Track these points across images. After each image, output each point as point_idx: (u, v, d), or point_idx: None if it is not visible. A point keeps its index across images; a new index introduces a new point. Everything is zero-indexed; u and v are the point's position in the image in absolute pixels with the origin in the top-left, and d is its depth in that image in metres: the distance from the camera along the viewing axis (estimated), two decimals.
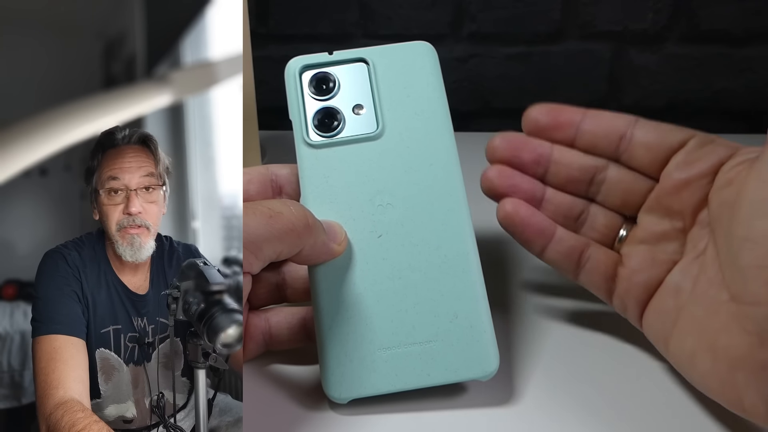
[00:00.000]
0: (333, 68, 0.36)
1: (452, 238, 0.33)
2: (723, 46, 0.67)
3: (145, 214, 0.44)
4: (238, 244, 0.79)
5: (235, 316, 0.37)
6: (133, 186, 0.44)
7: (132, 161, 0.44)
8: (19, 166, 0.38)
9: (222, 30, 0.76)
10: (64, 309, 0.41)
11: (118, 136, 0.45)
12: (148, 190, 0.44)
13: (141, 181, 0.44)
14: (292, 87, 0.35)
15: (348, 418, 0.32)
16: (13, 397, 0.80)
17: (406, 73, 0.36)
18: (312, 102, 0.35)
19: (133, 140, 0.45)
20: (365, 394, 0.32)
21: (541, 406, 0.33)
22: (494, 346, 0.32)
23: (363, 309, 0.32)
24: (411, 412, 0.32)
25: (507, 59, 0.71)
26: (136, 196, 0.43)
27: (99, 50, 0.99)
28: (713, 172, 0.31)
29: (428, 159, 0.34)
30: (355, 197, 0.34)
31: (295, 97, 0.35)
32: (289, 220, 0.30)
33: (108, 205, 0.44)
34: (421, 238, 0.33)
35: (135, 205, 0.43)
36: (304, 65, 0.36)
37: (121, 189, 0.44)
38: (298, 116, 0.35)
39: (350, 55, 0.36)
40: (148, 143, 0.45)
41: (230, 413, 0.45)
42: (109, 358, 0.44)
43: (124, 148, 0.45)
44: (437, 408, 0.32)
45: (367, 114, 0.35)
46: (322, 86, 0.35)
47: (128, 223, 0.43)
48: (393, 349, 0.32)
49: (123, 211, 0.43)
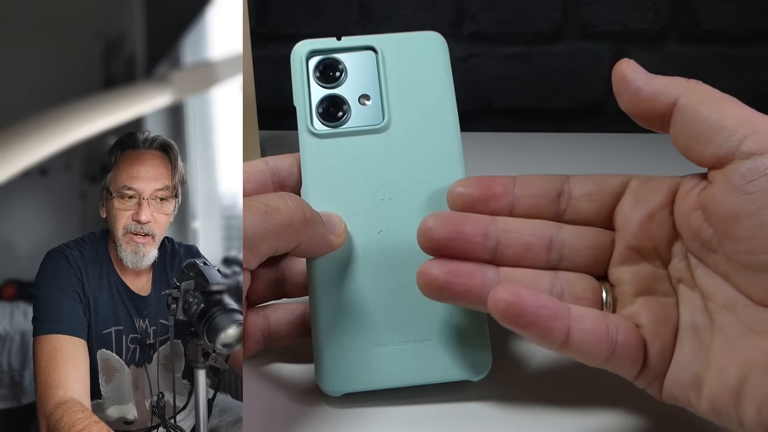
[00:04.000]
0: (340, 55, 0.35)
1: None
2: (723, 46, 0.68)
3: (154, 223, 0.43)
4: (237, 244, 0.79)
5: (235, 316, 0.37)
6: (147, 195, 0.43)
7: (150, 169, 0.44)
8: (19, 166, 0.38)
9: (222, 30, 0.76)
10: (65, 309, 0.41)
11: (139, 138, 0.44)
12: (162, 200, 0.44)
13: (156, 192, 0.43)
14: (298, 72, 0.35)
15: (348, 417, 0.32)
16: (13, 397, 0.79)
17: (415, 64, 0.35)
18: (318, 89, 0.35)
19: (154, 146, 0.44)
20: (358, 389, 0.32)
21: (532, 405, 0.33)
22: (488, 347, 0.32)
23: (359, 304, 0.32)
24: (409, 405, 0.32)
25: (507, 59, 0.71)
26: (148, 205, 0.43)
27: (99, 50, 0.99)
28: (670, 201, 0.30)
29: (433, 156, 0.34)
30: (357, 190, 0.33)
31: (301, 83, 0.35)
32: (286, 215, 0.30)
33: (118, 209, 0.43)
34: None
35: (146, 213, 0.43)
36: (311, 50, 0.35)
37: (134, 195, 0.43)
38: (303, 103, 0.34)
39: (359, 42, 0.35)
40: (169, 151, 0.45)
41: (230, 413, 0.45)
42: (110, 359, 0.44)
43: (143, 153, 0.44)
44: (434, 402, 0.33)
45: (373, 105, 0.35)
46: (328, 73, 0.35)
47: (135, 229, 0.43)
48: (387, 346, 0.32)
49: (132, 217, 0.43)
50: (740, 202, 0.25)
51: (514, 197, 0.32)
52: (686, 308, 0.28)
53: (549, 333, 0.27)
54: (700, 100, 0.27)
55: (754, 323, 0.25)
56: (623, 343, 0.28)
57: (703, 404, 0.26)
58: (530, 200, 0.32)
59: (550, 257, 0.31)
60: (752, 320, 0.26)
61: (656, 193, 0.30)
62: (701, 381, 0.26)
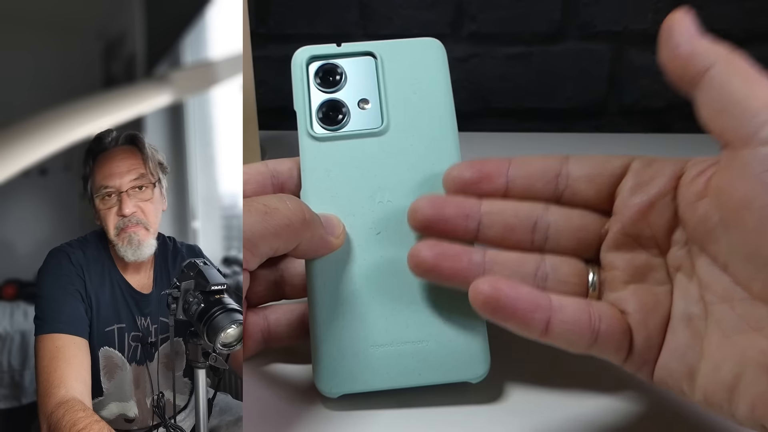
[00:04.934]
0: (340, 60, 0.35)
1: None
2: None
3: (141, 213, 0.44)
4: (237, 244, 0.79)
5: (235, 316, 0.37)
6: (124, 188, 0.44)
7: (121, 164, 0.44)
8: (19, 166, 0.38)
9: (222, 30, 0.76)
10: (67, 308, 0.42)
11: (106, 140, 0.45)
12: (141, 189, 0.44)
13: (132, 182, 0.44)
14: (299, 77, 0.35)
15: (348, 417, 0.32)
16: (13, 397, 0.79)
17: (413, 69, 0.35)
18: (317, 93, 0.35)
19: (120, 142, 0.45)
20: (355, 390, 0.32)
21: (530, 407, 0.33)
22: (486, 349, 0.32)
23: (358, 305, 0.32)
24: (413, 408, 0.32)
25: (507, 59, 0.71)
26: (128, 197, 0.44)
27: (99, 50, 0.99)
28: (673, 188, 0.29)
29: (431, 159, 0.34)
30: (356, 193, 0.34)
31: (301, 88, 0.35)
32: (285, 216, 0.30)
33: (103, 210, 0.44)
34: (419, 238, 0.33)
35: (128, 206, 0.44)
36: (311, 56, 0.35)
37: (114, 192, 0.44)
38: (303, 107, 0.35)
39: (358, 48, 0.35)
40: (136, 142, 0.45)
41: (230, 412, 0.45)
42: (113, 357, 0.44)
43: (113, 152, 0.45)
44: (436, 405, 0.33)
45: (372, 109, 0.35)
46: (328, 78, 0.35)
47: (124, 224, 0.44)
48: (386, 347, 0.32)
49: (117, 213, 0.44)
50: (756, 191, 0.24)
51: (507, 178, 0.32)
52: (681, 297, 0.28)
53: (528, 324, 0.28)
54: (733, 73, 0.26)
55: (751, 319, 0.25)
56: (606, 332, 0.28)
57: (697, 395, 0.27)
58: (524, 181, 0.32)
59: (535, 238, 0.32)
60: (749, 315, 0.25)
61: (659, 178, 0.29)
62: (695, 372, 0.27)
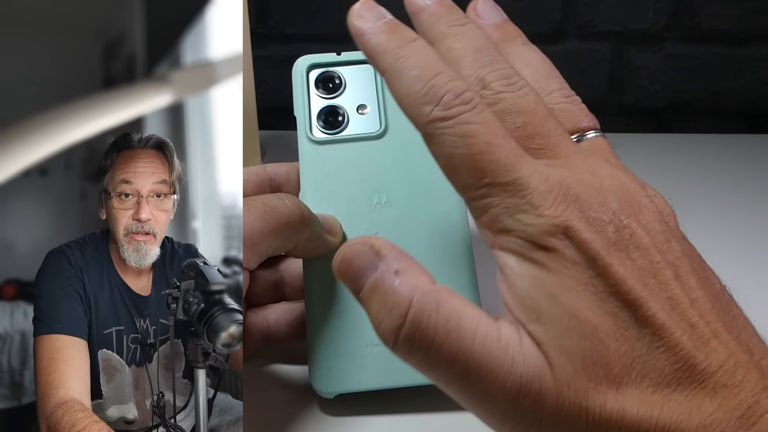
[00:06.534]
0: (340, 68, 0.36)
1: (448, 240, 0.33)
2: (723, 46, 0.67)
3: (154, 221, 0.43)
4: (237, 244, 0.79)
5: (235, 316, 0.37)
6: (145, 192, 0.43)
7: (146, 166, 0.44)
8: (19, 166, 0.38)
9: (222, 30, 0.76)
10: (66, 309, 0.41)
11: (134, 138, 0.44)
12: (160, 197, 0.44)
13: (153, 187, 0.43)
14: (299, 84, 0.36)
15: (347, 418, 0.32)
16: (13, 397, 0.80)
17: None
18: (317, 99, 0.36)
19: (149, 144, 0.45)
20: (351, 390, 0.32)
21: None
22: None
23: (354, 305, 0.32)
24: (410, 408, 0.32)
25: None
26: (146, 202, 0.43)
27: (99, 50, 0.99)
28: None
29: (428, 161, 0.34)
30: (354, 195, 0.34)
31: (301, 95, 0.36)
32: (285, 214, 0.30)
33: (118, 209, 0.43)
34: (417, 239, 0.33)
35: (145, 211, 0.43)
36: (311, 64, 0.36)
37: (133, 194, 0.43)
38: (303, 113, 0.35)
39: (358, 57, 0.36)
40: (164, 149, 0.45)
41: (230, 412, 0.45)
42: (111, 359, 0.44)
43: (139, 152, 0.44)
44: (432, 405, 0.33)
45: (371, 114, 0.35)
46: (328, 85, 0.36)
47: (136, 229, 0.43)
48: (382, 347, 0.32)
49: (132, 217, 0.43)
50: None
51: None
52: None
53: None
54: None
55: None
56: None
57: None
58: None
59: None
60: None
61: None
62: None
